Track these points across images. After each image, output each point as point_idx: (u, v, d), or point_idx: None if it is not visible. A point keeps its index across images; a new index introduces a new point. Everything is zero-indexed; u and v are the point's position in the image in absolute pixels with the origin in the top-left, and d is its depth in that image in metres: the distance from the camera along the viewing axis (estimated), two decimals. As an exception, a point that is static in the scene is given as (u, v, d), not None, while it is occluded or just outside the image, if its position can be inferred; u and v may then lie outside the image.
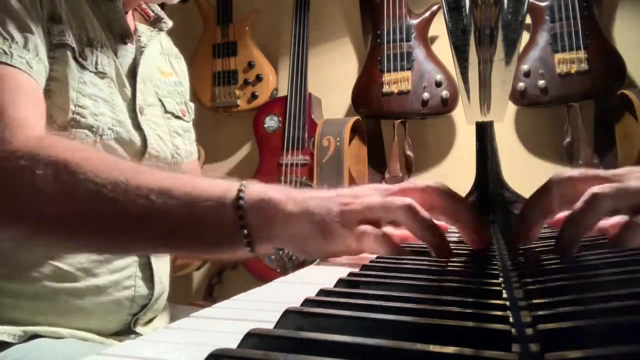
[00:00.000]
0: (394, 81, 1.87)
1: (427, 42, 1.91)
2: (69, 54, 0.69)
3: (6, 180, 0.53)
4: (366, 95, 1.92)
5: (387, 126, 1.98)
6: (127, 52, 0.80)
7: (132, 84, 0.78)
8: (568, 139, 1.75)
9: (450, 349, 0.23)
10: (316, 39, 2.16)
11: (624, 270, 0.36)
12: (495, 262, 0.47)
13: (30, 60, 0.63)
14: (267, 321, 0.30)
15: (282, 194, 0.53)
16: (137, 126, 0.76)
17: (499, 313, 0.28)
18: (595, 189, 0.43)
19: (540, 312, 0.27)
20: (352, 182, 1.85)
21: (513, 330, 0.27)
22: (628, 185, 0.44)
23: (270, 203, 0.52)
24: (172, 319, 0.86)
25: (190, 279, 2.32)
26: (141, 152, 0.77)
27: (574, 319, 0.25)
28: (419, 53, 1.88)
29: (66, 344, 0.67)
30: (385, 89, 1.88)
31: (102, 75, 0.73)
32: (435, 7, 1.90)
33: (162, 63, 0.90)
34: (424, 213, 0.51)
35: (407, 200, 0.51)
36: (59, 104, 0.67)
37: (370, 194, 0.54)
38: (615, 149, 1.68)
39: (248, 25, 2.17)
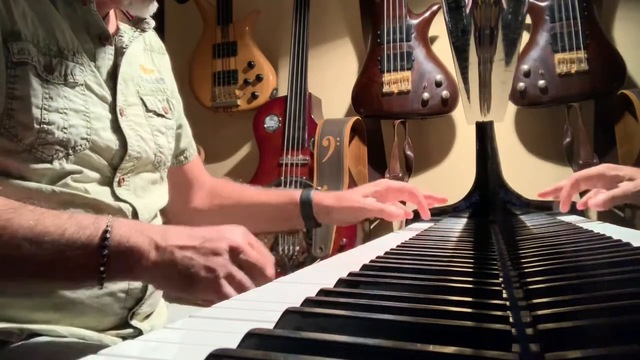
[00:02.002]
0: (394, 81, 1.87)
1: (427, 42, 1.91)
2: (30, 71, 0.67)
3: None
4: (366, 95, 1.92)
5: (387, 126, 1.99)
6: (106, 54, 0.78)
7: (112, 86, 0.77)
8: (568, 139, 1.75)
9: (450, 349, 0.23)
10: (316, 39, 2.16)
11: (624, 270, 0.36)
12: (495, 262, 0.47)
13: None
14: (267, 321, 0.30)
15: (146, 241, 0.57)
16: (117, 129, 0.75)
17: (499, 313, 0.28)
18: None
19: (540, 312, 0.27)
20: (352, 182, 1.85)
21: (513, 330, 0.27)
22: None
23: (132, 251, 0.57)
24: (172, 318, 0.86)
25: (190, 279, 2.32)
26: (120, 155, 0.75)
27: (574, 319, 0.25)
28: (419, 53, 1.88)
29: (64, 344, 0.67)
30: (385, 89, 1.88)
31: (72, 84, 0.71)
32: (435, 7, 1.90)
33: (144, 60, 0.88)
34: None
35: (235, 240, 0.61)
36: (23, 123, 0.66)
37: (233, 233, 0.62)
38: (615, 149, 1.68)
39: (248, 25, 2.17)
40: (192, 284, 0.58)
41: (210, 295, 0.57)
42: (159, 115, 0.86)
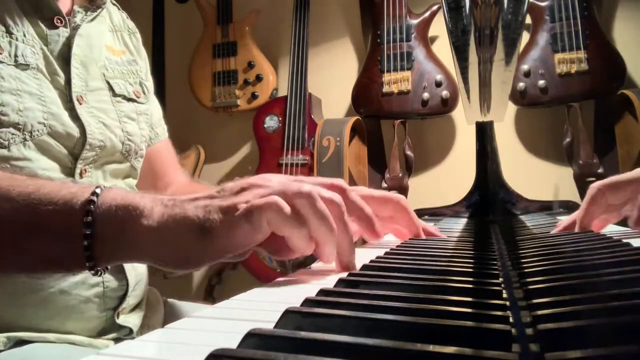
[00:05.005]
0: (394, 81, 1.87)
1: (427, 42, 1.91)
2: None
3: None
4: (366, 95, 1.92)
5: (387, 126, 1.99)
6: (60, 36, 0.72)
7: (67, 70, 0.72)
8: (568, 139, 1.75)
9: (450, 349, 0.23)
10: (316, 39, 2.16)
11: (624, 270, 0.36)
12: (495, 262, 0.47)
13: None
14: (267, 321, 0.30)
15: (148, 199, 0.45)
16: (76, 116, 0.70)
17: (499, 313, 0.28)
18: None
19: (540, 312, 0.27)
20: (352, 182, 1.84)
21: (513, 330, 0.27)
22: None
23: (129, 210, 0.43)
24: (170, 316, 0.86)
25: (190, 279, 2.32)
26: (82, 143, 0.70)
27: (574, 319, 0.25)
28: (419, 53, 1.88)
29: (54, 349, 0.65)
30: (385, 89, 1.88)
31: (24, 66, 0.67)
32: (435, 7, 1.90)
33: (113, 41, 0.83)
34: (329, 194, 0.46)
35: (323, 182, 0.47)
36: None
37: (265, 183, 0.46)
38: (615, 149, 1.68)
39: (248, 25, 2.17)
40: (205, 233, 0.42)
41: (238, 242, 0.42)
42: (129, 99, 0.81)
